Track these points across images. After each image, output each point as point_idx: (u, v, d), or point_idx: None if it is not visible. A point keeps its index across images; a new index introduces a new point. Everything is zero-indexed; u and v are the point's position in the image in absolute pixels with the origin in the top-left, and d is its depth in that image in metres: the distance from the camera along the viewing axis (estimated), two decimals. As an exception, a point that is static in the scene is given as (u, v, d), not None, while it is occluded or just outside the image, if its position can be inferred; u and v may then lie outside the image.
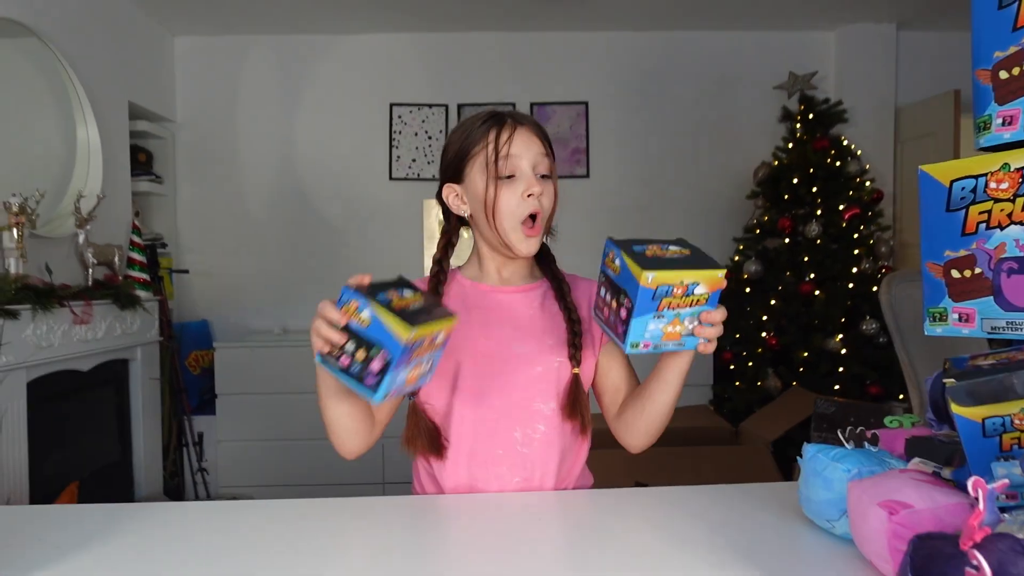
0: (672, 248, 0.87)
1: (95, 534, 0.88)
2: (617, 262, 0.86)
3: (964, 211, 0.81)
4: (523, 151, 1.06)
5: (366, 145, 3.98)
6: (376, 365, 0.81)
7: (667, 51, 4.04)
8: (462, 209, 1.12)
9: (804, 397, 2.99)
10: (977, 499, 0.56)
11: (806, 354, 3.23)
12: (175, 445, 3.46)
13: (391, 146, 3.97)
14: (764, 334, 3.34)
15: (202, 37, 3.92)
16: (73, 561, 0.80)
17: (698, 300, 0.83)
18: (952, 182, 0.82)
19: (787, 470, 2.66)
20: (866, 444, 0.80)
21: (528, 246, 1.08)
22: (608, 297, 0.89)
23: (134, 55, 3.49)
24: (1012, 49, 0.77)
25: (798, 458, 0.85)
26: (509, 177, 1.06)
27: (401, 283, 0.89)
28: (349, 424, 1.01)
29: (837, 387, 3.14)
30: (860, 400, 2.93)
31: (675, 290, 0.82)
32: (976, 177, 0.80)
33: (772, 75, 3.94)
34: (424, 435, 1.07)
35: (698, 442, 2.69)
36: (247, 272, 3.97)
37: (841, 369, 3.16)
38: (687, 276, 0.81)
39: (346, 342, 0.83)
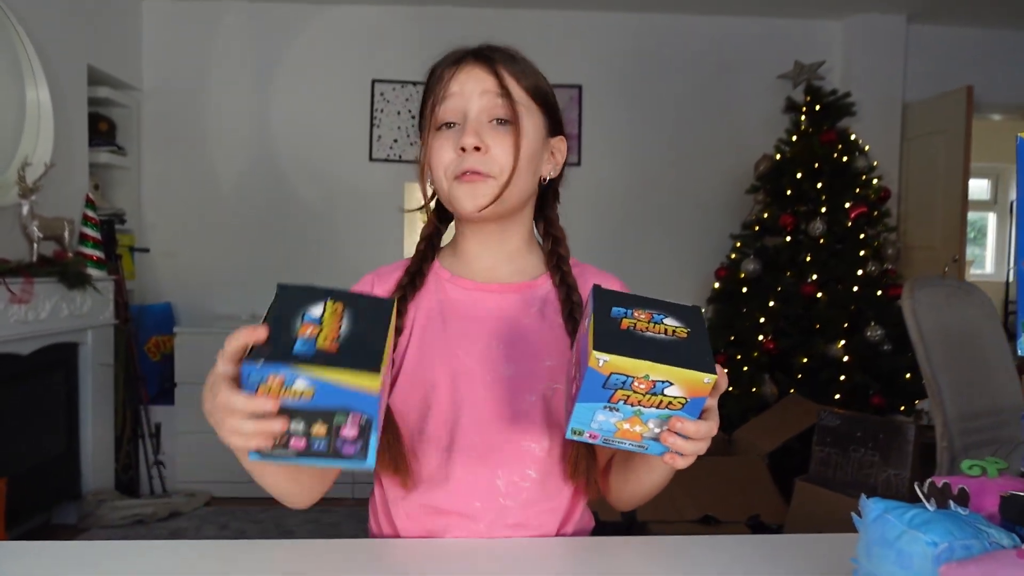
0: (667, 322, 0.64)
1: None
2: (585, 322, 0.65)
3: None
4: (465, 89, 0.82)
5: (346, 123, 3.75)
6: (350, 431, 0.59)
7: (667, 35, 3.84)
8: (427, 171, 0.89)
9: (803, 406, 2.81)
10: None
11: (805, 360, 3.05)
12: (129, 436, 3.23)
13: (372, 125, 3.74)
14: (761, 337, 3.16)
15: (172, 0, 3.65)
16: None
17: (670, 403, 0.62)
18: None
19: (783, 483, 2.48)
20: (952, 504, 0.60)
21: (473, 198, 0.82)
22: (575, 357, 0.68)
23: (94, 15, 3.22)
24: None
25: (854, 515, 0.65)
26: (448, 126, 0.84)
27: (294, 299, 0.62)
28: (302, 485, 0.82)
29: (837, 396, 2.96)
30: (862, 411, 2.76)
31: (635, 383, 0.60)
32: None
33: (776, 64, 3.75)
34: (388, 451, 0.82)
35: (690, 451, 2.51)
36: (214, 253, 3.73)
37: (843, 377, 2.98)
38: (656, 371, 0.60)
39: (289, 424, 0.59)
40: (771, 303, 3.19)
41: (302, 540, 0.80)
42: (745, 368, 3.17)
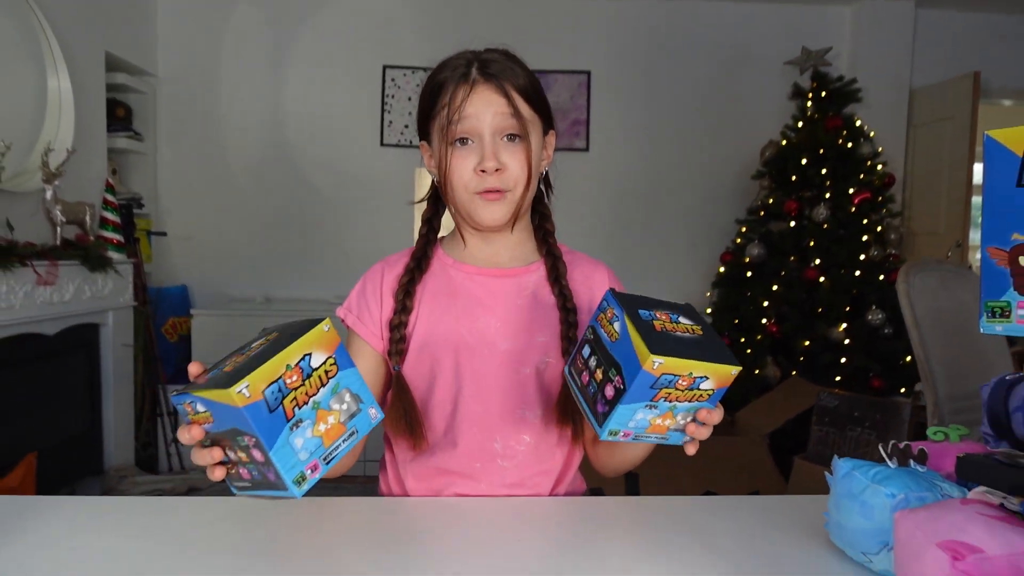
0: (683, 321, 0.72)
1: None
2: (616, 326, 0.70)
3: (1041, 187, 0.67)
4: (481, 111, 0.89)
5: (357, 108, 3.80)
6: (257, 454, 0.62)
7: (675, 21, 3.86)
8: (432, 171, 0.98)
9: (804, 388, 2.87)
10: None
11: (807, 343, 3.10)
12: (149, 415, 3.33)
13: (383, 110, 3.80)
14: (764, 320, 3.21)
15: (187, -13, 3.72)
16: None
17: (700, 395, 0.69)
18: (1027, 151, 0.69)
19: (783, 463, 2.55)
20: (912, 462, 0.67)
21: (491, 213, 0.92)
22: (593, 362, 0.73)
23: (112, 3, 3.29)
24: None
25: (827, 474, 0.72)
26: (463, 141, 0.91)
27: (257, 337, 0.70)
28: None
29: (838, 378, 3.02)
30: (862, 393, 2.82)
31: (680, 381, 0.67)
32: (1057, 146, 0.66)
33: (784, 50, 3.76)
34: (405, 417, 0.91)
35: (692, 431, 2.57)
36: (229, 237, 3.81)
37: (843, 360, 3.04)
38: (698, 368, 0.67)
39: (225, 451, 0.65)
40: (775, 287, 3.23)
41: (318, 497, 0.88)
42: (748, 351, 3.23)
